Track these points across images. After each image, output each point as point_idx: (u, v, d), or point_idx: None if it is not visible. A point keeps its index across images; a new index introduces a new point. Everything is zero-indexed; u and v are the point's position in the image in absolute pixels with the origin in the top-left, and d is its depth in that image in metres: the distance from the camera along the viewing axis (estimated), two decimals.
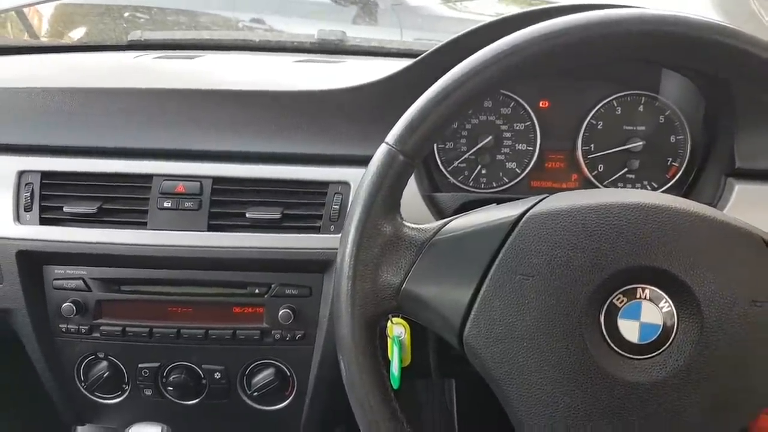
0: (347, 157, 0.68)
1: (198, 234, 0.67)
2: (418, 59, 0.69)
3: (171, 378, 0.73)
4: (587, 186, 0.75)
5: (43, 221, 0.69)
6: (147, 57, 0.90)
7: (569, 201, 0.43)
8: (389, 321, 0.60)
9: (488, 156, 0.75)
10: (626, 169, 0.74)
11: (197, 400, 0.75)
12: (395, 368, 0.59)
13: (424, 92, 0.44)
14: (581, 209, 0.42)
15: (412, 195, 0.68)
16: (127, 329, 0.71)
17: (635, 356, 0.41)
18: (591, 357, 0.41)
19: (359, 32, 1.17)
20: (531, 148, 0.75)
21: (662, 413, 0.41)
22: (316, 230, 0.68)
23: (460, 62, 0.44)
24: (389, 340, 0.60)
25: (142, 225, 0.68)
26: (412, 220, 0.47)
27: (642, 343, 0.41)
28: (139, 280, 0.70)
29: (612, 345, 0.41)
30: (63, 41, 1.19)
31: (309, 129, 0.70)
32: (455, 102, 0.43)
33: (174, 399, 0.75)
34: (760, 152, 0.67)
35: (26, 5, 1.13)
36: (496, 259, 0.43)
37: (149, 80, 0.76)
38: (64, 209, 0.68)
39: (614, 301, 0.41)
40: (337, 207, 0.68)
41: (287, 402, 0.75)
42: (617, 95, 0.73)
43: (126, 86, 0.73)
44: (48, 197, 0.69)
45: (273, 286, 0.70)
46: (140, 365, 0.73)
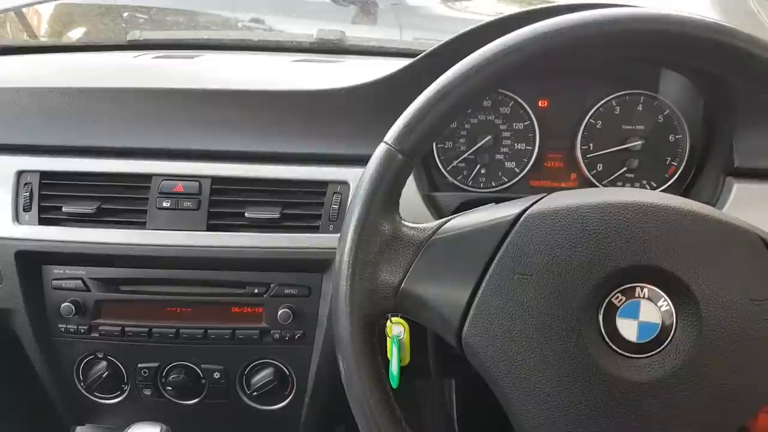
0: (346, 157, 0.68)
1: (197, 234, 0.67)
2: (417, 59, 0.69)
3: (170, 378, 0.73)
4: (586, 185, 0.75)
5: (42, 221, 0.69)
6: (146, 57, 0.90)
7: (568, 200, 0.43)
8: (388, 320, 0.60)
9: (487, 155, 0.75)
10: (625, 169, 0.74)
11: (196, 400, 0.75)
12: (394, 368, 0.59)
13: (423, 91, 0.44)
14: (580, 208, 0.42)
15: (412, 194, 0.68)
16: (126, 329, 0.71)
17: (634, 355, 0.41)
18: (590, 356, 0.41)
19: (359, 32, 1.16)
20: (530, 148, 0.75)
21: (661, 412, 0.41)
22: (315, 230, 0.68)
23: (459, 62, 0.44)
24: (388, 340, 0.60)
25: (141, 225, 0.68)
26: (412, 220, 0.47)
27: (640, 342, 0.41)
28: (138, 280, 0.70)
29: (610, 344, 0.41)
30: (62, 41, 1.19)
31: (308, 128, 0.70)
32: (454, 101, 0.43)
33: (173, 399, 0.75)
34: (759, 151, 0.67)
35: (26, 5, 1.12)
36: (495, 258, 0.43)
37: (148, 80, 0.76)
38: (63, 209, 0.68)
39: (613, 300, 0.41)
40: (336, 206, 0.68)
41: (286, 402, 0.75)
42: (616, 95, 0.73)
43: (125, 86, 0.73)
44: (47, 197, 0.69)
45: (272, 286, 0.70)
46: (139, 365, 0.73)
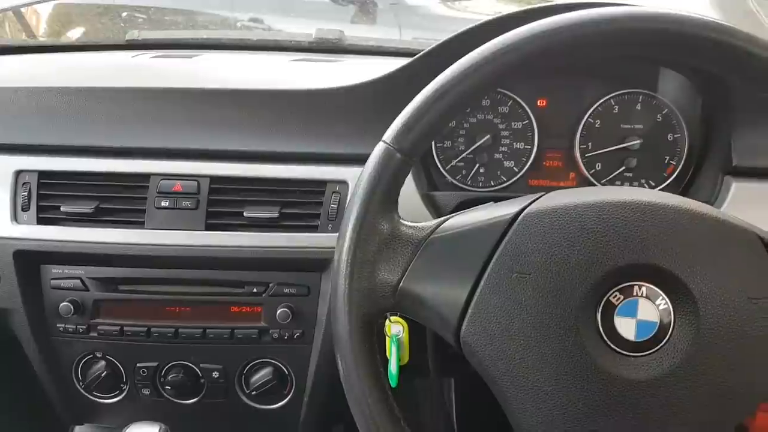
0: (345, 156, 0.68)
1: (195, 233, 0.67)
2: (416, 58, 0.69)
3: (169, 377, 0.73)
4: (585, 184, 0.75)
5: (41, 221, 0.69)
6: (145, 56, 0.90)
7: (566, 199, 0.44)
8: (387, 320, 0.60)
9: (486, 155, 0.75)
10: (624, 168, 0.74)
11: (195, 400, 0.75)
12: (393, 367, 0.59)
13: (421, 91, 0.44)
14: (578, 207, 0.43)
15: (411, 194, 0.68)
16: (125, 329, 0.71)
17: (632, 353, 0.41)
18: (588, 354, 0.41)
19: (358, 31, 1.16)
20: (529, 147, 0.75)
21: (659, 410, 0.41)
22: (314, 229, 0.68)
23: (457, 61, 0.44)
24: (387, 339, 0.60)
25: (140, 224, 0.68)
26: (411, 219, 0.47)
27: (639, 341, 0.41)
28: (137, 280, 0.70)
29: (609, 342, 0.41)
30: (61, 41, 1.18)
31: (306, 128, 0.70)
32: (452, 100, 0.43)
33: (172, 398, 0.75)
34: (758, 150, 0.67)
35: (24, 5, 1.12)
36: (493, 257, 0.43)
37: (147, 80, 0.76)
38: (62, 209, 0.68)
39: (611, 299, 0.41)
40: (335, 206, 0.68)
41: (285, 401, 0.75)
42: (615, 94, 0.73)
43: (123, 86, 0.72)
44: (45, 197, 0.69)
45: (271, 285, 0.70)
46: (138, 365, 0.73)
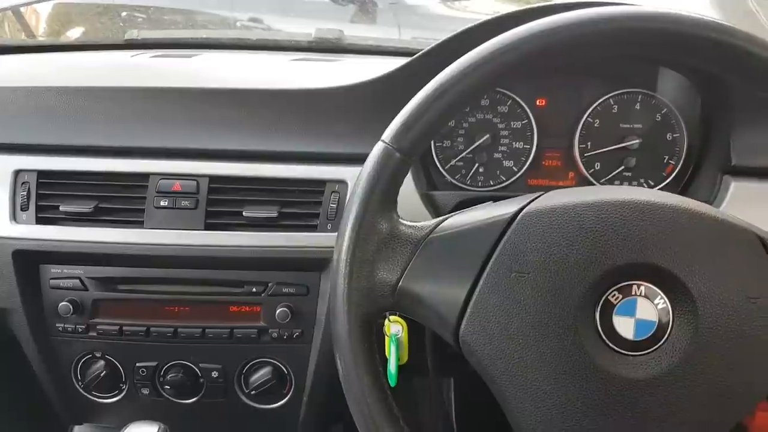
0: (344, 156, 0.68)
1: (195, 233, 0.67)
2: (415, 57, 0.69)
3: (168, 377, 0.73)
4: (584, 184, 0.75)
5: (40, 220, 0.69)
6: (144, 56, 0.90)
7: (565, 198, 0.44)
8: (386, 319, 0.60)
9: (485, 154, 0.75)
10: (623, 167, 0.74)
11: (195, 399, 0.75)
12: (392, 366, 0.59)
13: (420, 90, 0.44)
14: (577, 206, 0.43)
15: (410, 193, 0.68)
16: (124, 328, 0.71)
17: (630, 353, 0.41)
18: (586, 353, 0.41)
19: (357, 31, 1.16)
20: (528, 147, 0.75)
21: (658, 409, 0.41)
22: (313, 229, 0.68)
23: (456, 60, 0.44)
24: (386, 339, 0.60)
25: (139, 224, 0.68)
26: (410, 218, 0.47)
27: (637, 340, 0.41)
28: (136, 279, 0.70)
29: (607, 341, 0.41)
30: (60, 40, 1.18)
31: (306, 127, 0.70)
32: (451, 99, 0.43)
33: (171, 398, 0.75)
34: (757, 150, 0.68)
35: (23, 4, 1.12)
36: (492, 256, 0.43)
37: (146, 79, 0.76)
38: (61, 208, 0.68)
39: (609, 298, 0.41)
40: (335, 205, 0.68)
41: (285, 400, 0.75)
42: (614, 93, 0.73)
43: (123, 85, 0.72)
44: (44, 196, 0.69)
45: (270, 285, 0.70)
46: (137, 364, 0.73)
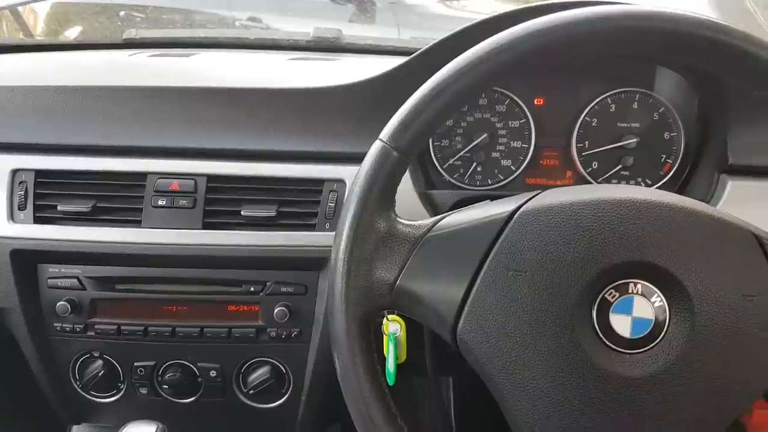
0: (342, 155, 0.68)
1: (193, 232, 0.67)
2: (413, 56, 0.69)
3: (166, 376, 0.73)
4: (582, 183, 0.75)
5: (37, 220, 0.69)
6: (142, 55, 0.89)
7: (562, 197, 0.44)
8: (385, 318, 0.60)
9: (483, 153, 0.75)
10: (620, 166, 0.74)
11: (193, 399, 0.75)
12: (391, 365, 0.59)
13: (418, 89, 0.44)
14: (574, 205, 0.43)
15: (408, 192, 0.68)
16: (122, 328, 0.71)
17: (627, 351, 0.41)
18: (583, 352, 0.41)
19: (356, 30, 1.16)
20: (526, 146, 0.75)
21: (654, 407, 0.41)
22: (312, 228, 0.68)
23: (453, 59, 0.44)
24: (385, 337, 0.60)
25: (137, 223, 0.68)
26: (408, 217, 0.47)
27: (634, 338, 0.41)
28: (134, 279, 0.70)
29: (604, 340, 0.41)
30: (58, 40, 1.18)
31: (304, 126, 0.70)
32: (448, 99, 0.43)
33: (169, 397, 0.75)
34: (753, 149, 0.68)
35: (21, 3, 1.12)
36: (490, 255, 0.43)
37: (144, 78, 0.76)
38: (59, 208, 0.68)
39: (606, 296, 0.42)
40: (333, 204, 0.68)
41: (283, 400, 0.75)
42: (611, 92, 0.73)
43: (121, 84, 0.72)
44: (42, 196, 0.69)
45: (268, 284, 0.70)
46: (135, 364, 0.73)
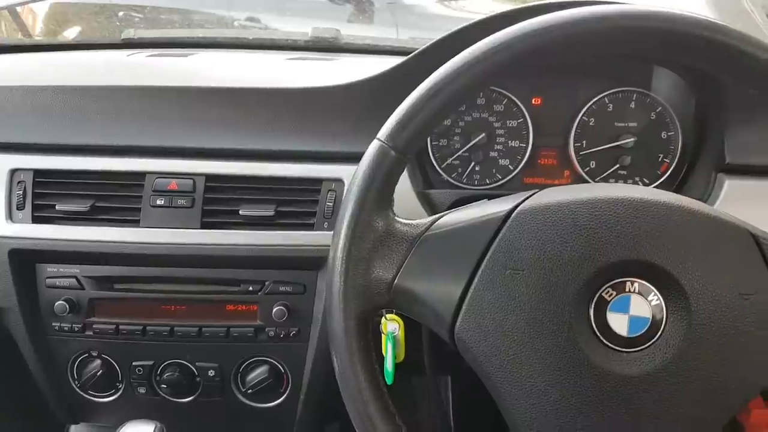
0: (341, 154, 0.69)
1: (191, 231, 0.67)
2: (411, 56, 0.69)
3: (165, 376, 0.73)
4: (580, 182, 0.75)
5: (36, 219, 0.69)
6: (140, 55, 0.89)
7: (559, 196, 0.44)
8: (383, 317, 0.61)
9: (481, 153, 0.75)
10: (618, 166, 0.74)
11: (191, 398, 0.76)
12: (389, 364, 0.59)
13: (415, 89, 0.45)
14: (571, 204, 0.43)
15: (406, 192, 0.68)
16: (121, 327, 0.71)
17: (624, 349, 0.41)
18: (580, 350, 0.41)
19: (355, 30, 1.16)
20: (524, 145, 0.75)
21: (651, 405, 0.41)
22: (310, 227, 0.68)
23: (451, 59, 0.44)
24: (383, 337, 0.60)
25: (135, 223, 0.68)
26: (406, 217, 0.47)
27: (631, 336, 0.41)
28: (133, 278, 0.70)
29: (601, 338, 0.42)
30: (57, 40, 1.18)
31: (302, 126, 0.70)
32: (445, 98, 0.44)
33: (168, 397, 0.75)
34: (750, 148, 0.68)
35: (20, 3, 1.12)
36: (487, 254, 0.43)
37: (143, 78, 0.76)
38: (57, 207, 0.68)
39: (603, 295, 0.42)
40: (331, 204, 0.68)
41: (281, 399, 0.75)
42: (609, 92, 0.73)
43: (119, 84, 0.72)
44: (40, 195, 0.69)
45: (267, 284, 0.70)
46: (134, 363, 0.73)
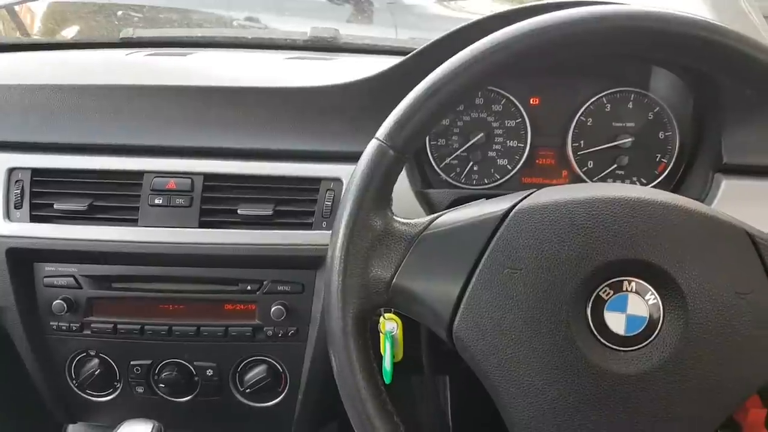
0: (339, 154, 0.69)
1: (189, 231, 0.67)
2: (409, 56, 0.69)
3: (163, 375, 0.73)
4: (577, 182, 0.75)
5: (34, 218, 0.69)
6: (139, 54, 0.89)
7: (556, 195, 0.44)
8: (381, 316, 0.61)
9: (480, 153, 0.75)
10: (615, 165, 0.74)
11: (189, 397, 0.76)
12: (387, 363, 0.59)
13: (414, 88, 0.45)
14: (568, 203, 0.43)
15: (405, 191, 0.68)
16: (119, 326, 0.71)
17: (622, 348, 0.42)
18: (578, 349, 0.41)
19: (354, 30, 1.17)
20: (522, 145, 0.75)
21: (649, 404, 0.41)
22: (309, 227, 0.68)
23: (449, 59, 0.44)
24: (381, 336, 0.60)
25: (133, 222, 0.68)
26: (405, 216, 0.47)
27: (628, 335, 0.42)
28: (131, 277, 0.70)
29: (599, 337, 0.42)
30: (55, 39, 1.18)
31: (301, 125, 0.70)
32: (443, 98, 0.44)
33: (166, 396, 0.75)
34: (747, 148, 0.68)
35: (18, 2, 1.12)
36: (485, 253, 0.43)
37: (141, 77, 0.75)
38: (55, 206, 0.68)
39: (601, 294, 0.42)
40: (330, 203, 0.68)
41: (280, 398, 0.75)
42: (607, 92, 0.73)
43: (118, 83, 0.72)
44: (38, 194, 0.69)
45: (265, 283, 0.70)
46: (132, 362, 0.73)
